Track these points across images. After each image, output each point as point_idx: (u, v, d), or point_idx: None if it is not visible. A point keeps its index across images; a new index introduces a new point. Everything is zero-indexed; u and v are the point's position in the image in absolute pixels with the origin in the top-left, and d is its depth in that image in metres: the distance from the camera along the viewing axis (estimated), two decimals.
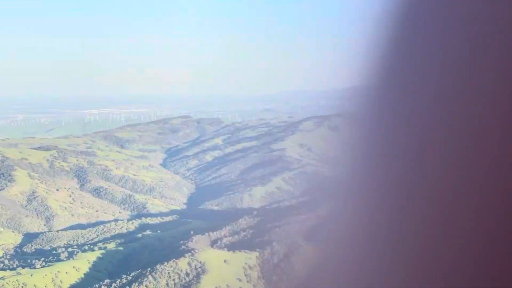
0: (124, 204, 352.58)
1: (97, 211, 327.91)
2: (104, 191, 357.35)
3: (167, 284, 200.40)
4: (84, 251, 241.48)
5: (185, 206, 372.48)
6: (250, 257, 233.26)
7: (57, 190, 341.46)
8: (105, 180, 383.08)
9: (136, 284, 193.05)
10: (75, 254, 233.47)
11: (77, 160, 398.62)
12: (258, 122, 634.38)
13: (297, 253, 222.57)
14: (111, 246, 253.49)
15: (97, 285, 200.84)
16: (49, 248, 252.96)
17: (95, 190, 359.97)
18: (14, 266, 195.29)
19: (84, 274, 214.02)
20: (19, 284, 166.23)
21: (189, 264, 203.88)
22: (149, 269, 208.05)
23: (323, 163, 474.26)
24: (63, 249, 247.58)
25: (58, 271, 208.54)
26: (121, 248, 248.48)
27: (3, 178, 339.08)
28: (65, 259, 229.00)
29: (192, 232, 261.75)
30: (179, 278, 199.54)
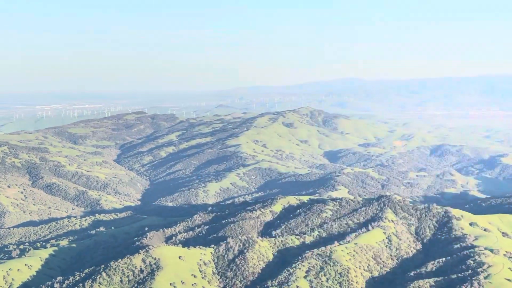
0: (77, 201, 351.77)
1: (49, 207, 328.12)
2: (56, 188, 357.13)
3: (121, 281, 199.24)
4: (36, 248, 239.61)
5: (139, 203, 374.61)
6: (205, 253, 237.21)
7: (8, 186, 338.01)
8: (57, 177, 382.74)
9: (90, 281, 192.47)
10: (27, 252, 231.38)
11: (29, 156, 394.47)
12: (212, 118, 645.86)
13: (252, 249, 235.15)
14: (64, 243, 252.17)
15: (49, 283, 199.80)
16: (0, 246, 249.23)
17: (47, 186, 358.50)
18: None
19: (36, 271, 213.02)
20: None
21: (143, 260, 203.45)
22: (103, 266, 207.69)
23: (278, 159, 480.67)
24: (15, 247, 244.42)
25: (9, 269, 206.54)
26: (74, 245, 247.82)
27: None
28: (17, 256, 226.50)
29: (146, 229, 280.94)
30: (133, 275, 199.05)
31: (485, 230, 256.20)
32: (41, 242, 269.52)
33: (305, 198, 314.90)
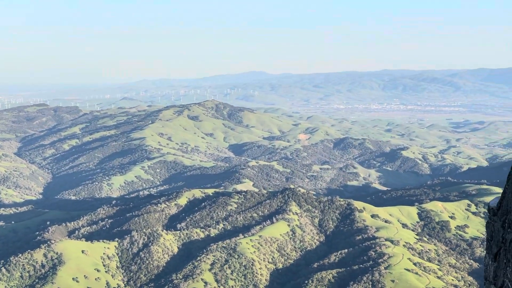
0: None
1: None
2: None
3: (22, 276, 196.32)
4: None
5: (41, 196, 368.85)
6: (109, 247, 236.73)
7: None
8: None
9: None
10: None
11: None
12: (117, 111, 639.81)
13: (157, 242, 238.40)
14: None
15: None
16: None
17: None
18: None
19: None
20: None
21: (45, 255, 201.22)
22: (2, 261, 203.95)
23: (183, 152, 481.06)
24: None
25: None
26: None
27: None
28: None
29: (48, 223, 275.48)
30: (34, 270, 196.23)
31: (386, 221, 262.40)
32: None
33: (210, 191, 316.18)
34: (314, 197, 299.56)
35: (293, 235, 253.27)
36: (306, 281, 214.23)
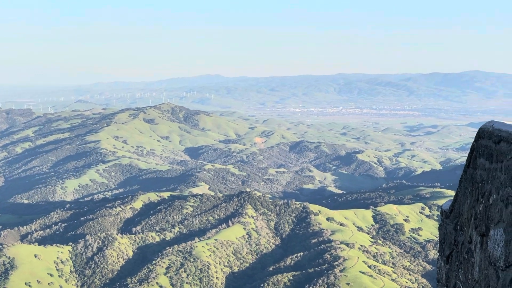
0: None
1: None
2: None
3: None
4: None
5: None
6: (62, 251, 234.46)
7: None
8: None
9: None
10: None
11: None
12: (71, 113, 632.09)
13: (111, 246, 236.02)
14: None
15: None
16: None
17: None
18: None
19: None
20: None
21: None
22: None
23: (138, 155, 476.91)
24: None
25: None
26: None
27: None
28: None
29: (0, 227, 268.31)
30: None
31: (341, 224, 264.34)
32: None
33: (165, 195, 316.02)
34: (270, 200, 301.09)
35: (249, 238, 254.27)
36: (262, 285, 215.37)
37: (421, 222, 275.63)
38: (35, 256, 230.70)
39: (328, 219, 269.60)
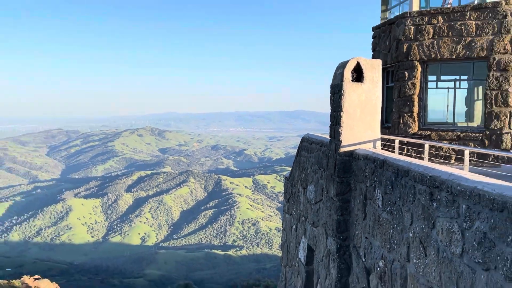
0: None
1: None
2: None
3: None
4: None
5: None
6: (95, 202, 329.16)
7: None
8: None
9: None
10: None
11: None
12: (99, 132, 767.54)
13: (121, 198, 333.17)
14: None
15: None
16: None
17: None
18: None
19: None
20: None
21: None
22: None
23: (134, 153, 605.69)
24: None
25: None
26: None
27: None
28: None
29: (64, 190, 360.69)
30: None
31: (236, 185, 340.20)
32: None
33: (148, 172, 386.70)
34: (201, 174, 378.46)
35: (191, 193, 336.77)
36: (198, 216, 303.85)
37: (276, 183, 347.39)
38: (82, 204, 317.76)
39: (231, 183, 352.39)
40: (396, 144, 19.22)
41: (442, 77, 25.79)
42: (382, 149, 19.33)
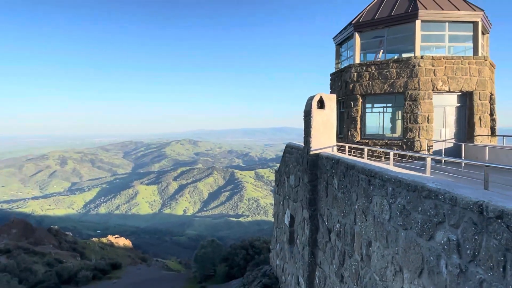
0: None
1: None
2: None
3: None
4: None
5: None
6: (154, 188, 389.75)
7: None
8: None
9: None
10: None
11: None
12: (155, 143, 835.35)
13: (169, 184, 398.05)
14: None
15: None
16: None
17: None
18: None
19: None
20: None
21: None
22: None
23: (181, 156, 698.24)
24: None
25: None
26: None
27: None
28: None
29: (133, 179, 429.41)
30: None
31: (245, 176, 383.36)
32: None
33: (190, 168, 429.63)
34: (221, 168, 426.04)
35: (215, 181, 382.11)
36: (219, 196, 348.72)
37: (270, 174, 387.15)
38: (145, 189, 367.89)
39: (240, 174, 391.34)
40: (346, 149, 24.62)
41: (376, 105, 34.09)
42: (337, 151, 25.63)
